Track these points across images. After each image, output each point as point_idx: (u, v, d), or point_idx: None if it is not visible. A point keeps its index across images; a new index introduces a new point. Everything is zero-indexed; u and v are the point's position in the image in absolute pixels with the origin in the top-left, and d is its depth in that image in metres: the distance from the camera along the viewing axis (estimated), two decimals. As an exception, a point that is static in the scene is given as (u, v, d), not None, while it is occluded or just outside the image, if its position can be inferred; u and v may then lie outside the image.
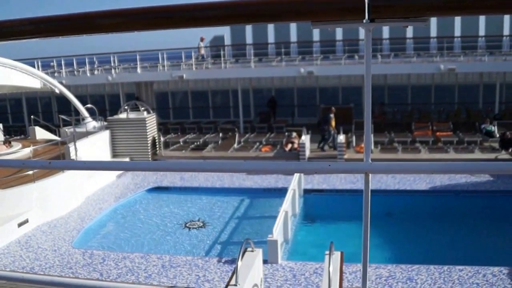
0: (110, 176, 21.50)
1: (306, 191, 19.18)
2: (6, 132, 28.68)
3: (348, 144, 23.19)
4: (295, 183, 17.25)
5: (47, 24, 1.84)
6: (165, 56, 32.08)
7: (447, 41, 30.40)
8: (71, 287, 2.20)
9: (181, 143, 26.41)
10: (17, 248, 15.03)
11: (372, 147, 22.73)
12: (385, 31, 31.87)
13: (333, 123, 23.49)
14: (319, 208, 18.95)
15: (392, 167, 1.84)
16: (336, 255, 8.97)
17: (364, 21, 1.71)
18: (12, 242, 15.36)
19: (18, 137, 27.79)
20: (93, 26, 1.80)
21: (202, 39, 34.52)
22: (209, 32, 36.77)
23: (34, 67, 27.27)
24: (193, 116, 35.12)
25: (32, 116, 28.57)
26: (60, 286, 2.41)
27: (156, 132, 24.81)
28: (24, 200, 16.70)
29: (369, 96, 1.84)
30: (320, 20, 1.69)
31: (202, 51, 34.33)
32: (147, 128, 23.85)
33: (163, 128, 28.13)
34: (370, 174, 1.84)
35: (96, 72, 33.88)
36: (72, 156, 19.57)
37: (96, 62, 34.83)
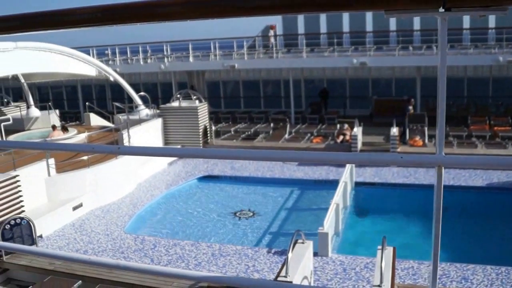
0: (162, 163, 21.73)
1: (358, 184, 18.94)
2: (62, 118, 29.27)
3: (401, 137, 22.80)
4: (347, 176, 17.10)
5: (112, 12, 1.85)
6: (217, 45, 32.21)
7: (506, 31, 29.51)
8: (123, 270, 2.20)
9: (232, 133, 26.50)
10: (71, 231, 15.37)
11: (426, 140, 22.39)
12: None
13: None
14: (371, 201, 18.68)
15: (466, 160, 1.76)
16: (389, 250, 8.87)
17: (440, 10, 1.65)
18: (67, 225, 15.73)
19: (73, 123, 28.35)
20: (154, 14, 1.80)
21: (272, 28, 34.06)
22: (261, 22, 36.73)
23: (89, 55, 27.73)
24: (244, 105, 35.15)
25: (87, 103, 29.05)
26: (112, 268, 2.43)
27: (207, 121, 24.91)
28: (78, 185, 17.07)
29: (443, 88, 1.77)
30: (394, 9, 1.64)
31: (272, 40, 33.90)
32: (198, 116, 23.96)
33: (214, 117, 28.25)
34: (443, 168, 1.78)
35: (149, 60, 34.27)
36: (125, 142, 19.84)
37: (149, 51, 35.25)
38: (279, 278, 8.40)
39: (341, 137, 23.17)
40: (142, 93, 27.09)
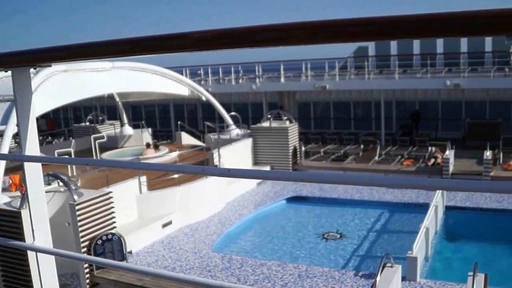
0: (251, 183, 21.83)
1: (448, 208, 18.42)
2: (154, 136, 29.99)
3: (495, 161, 22.05)
4: (438, 199, 16.67)
5: (229, 36, 1.89)
6: (308, 66, 32.23)
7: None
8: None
9: (322, 153, 26.37)
10: (160, 248, 15.66)
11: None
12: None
13: None
14: (462, 226, 18.21)
15: None
16: (480, 277, 8.63)
17: None
18: (156, 242, 16.05)
19: (165, 142, 29.00)
20: (270, 39, 1.82)
21: None
22: (352, 43, 36.44)
23: (182, 75, 28.35)
24: (334, 126, 34.92)
25: (178, 122, 29.66)
26: (200, 286, 2.43)
27: (297, 142, 24.90)
28: (168, 202, 17.41)
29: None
30: None
31: None
32: (289, 137, 24.01)
33: (304, 137, 28.19)
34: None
35: (240, 81, 34.70)
36: (216, 162, 20.09)
37: (241, 71, 35.67)
38: (366, 303, 8.26)
39: (432, 160, 22.64)
40: (233, 113, 27.42)
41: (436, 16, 1.53)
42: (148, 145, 23.25)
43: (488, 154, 21.05)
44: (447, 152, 21.83)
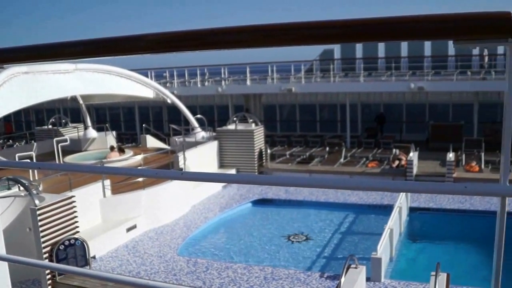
0: (217, 186, 21.75)
1: (412, 209, 18.64)
2: (119, 139, 29.70)
3: (457, 162, 22.34)
4: (402, 201, 16.83)
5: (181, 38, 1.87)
6: (274, 68, 32.25)
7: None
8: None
9: (287, 156, 26.37)
10: (124, 252, 15.48)
11: (483, 166, 21.90)
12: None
13: None
14: (425, 227, 18.47)
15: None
16: (442, 276, 8.73)
17: (509, 40, 1.55)
18: (120, 246, 15.85)
19: (130, 145, 28.73)
20: (223, 41, 1.79)
21: None
22: (318, 46, 36.62)
23: (147, 77, 28.13)
24: (300, 129, 34.99)
25: (143, 125, 29.43)
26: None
27: (263, 144, 24.90)
28: (133, 206, 17.20)
29: (510, 116, 1.65)
30: (463, 39, 1.56)
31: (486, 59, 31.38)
32: (254, 140, 23.99)
33: (270, 140, 28.21)
34: (507, 198, 1.68)
35: (206, 83, 34.56)
36: (181, 165, 19.95)
37: (207, 74, 35.55)
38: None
39: (396, 162, 22.86)
40: (198, 116, 27.31)
41: (383, 21, 1.53)
42: (112, 148, 23.00)
43: (451, 156, 21.31)
44: (411, 154, 22.06)
